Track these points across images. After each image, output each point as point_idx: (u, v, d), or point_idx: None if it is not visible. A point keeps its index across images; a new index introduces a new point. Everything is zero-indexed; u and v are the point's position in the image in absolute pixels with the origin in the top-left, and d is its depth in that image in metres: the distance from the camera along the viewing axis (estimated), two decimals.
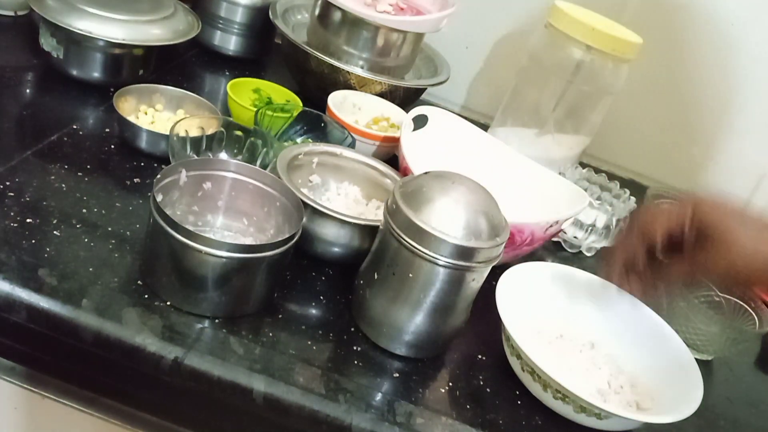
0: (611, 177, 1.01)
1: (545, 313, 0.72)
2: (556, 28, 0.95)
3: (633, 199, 0.96)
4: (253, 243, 0.67)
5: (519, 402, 0.63)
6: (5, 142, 0.72)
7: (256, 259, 0.58)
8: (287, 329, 0.61)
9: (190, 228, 0.55)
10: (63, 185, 0.68)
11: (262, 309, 0.62)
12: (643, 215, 0.61)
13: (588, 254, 0.92)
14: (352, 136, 0.84)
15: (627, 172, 1.22)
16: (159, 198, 0.58)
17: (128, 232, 0.65)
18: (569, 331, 0.72)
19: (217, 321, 0.59)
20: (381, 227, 0.61)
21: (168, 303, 0.58)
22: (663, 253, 0.60)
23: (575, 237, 0.90)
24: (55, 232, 0.62)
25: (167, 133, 0.74)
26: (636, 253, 0.60)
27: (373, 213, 0.76)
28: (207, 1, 1.04)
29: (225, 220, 0.68)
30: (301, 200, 0.65)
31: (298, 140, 0.86)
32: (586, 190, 0.90)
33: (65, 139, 0.75)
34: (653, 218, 0.60)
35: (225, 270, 0.57)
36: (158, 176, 0.59)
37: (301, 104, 0.90)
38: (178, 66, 1.00)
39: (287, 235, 0.60)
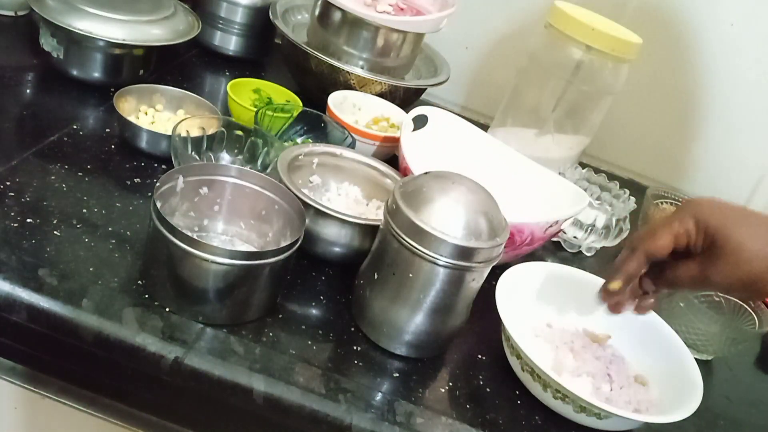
0: (611, 177, 1.01)
1: (545, 313, 0.72)
2: (556, 28, 0.95)
3: (633, 199, 0.96)
4: (254, 248, 0.67)
5: (519, 402, 0.63)
6: (5, 142, 0.72)
7: (259, 265, 0.57)
8: (287, 329, 0.62)
9: (190, 234, 0.55)
10: (63, 185, 0.68)
11: (265, 314, 0.62)
12: (643, 235, 0.61)
13: (588, 254, 0.92)
14: (352, 137, 0.84)
15: (626, 172, 1.22)
16: (159, 204, 0.58)
17: (128, 232, 0.65)
18: (568, 330, 0.72)
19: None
20: (381, 227, 0.62)
21: (168, 310, 0.58)
22: (669, 263, 0.60)
23: (575, 237, 0.90)
24: (55, 232, 0.62)
25: (168, 133, 0.74)
26: (637, 271, 0.62)
27: (374, 213, 0.76)
28: (207, 2, 1.04)
29: (224, 225, 0.68)
30: (302, 200, 0.65)
31: (299, 140, 0.87)
32: (585, 190, 0.90)
33: (65, 139, 0.75)
34: (653, 236, 0.59)
35: (227, 277, 0.57)
36: (157, 183, 0.59)
37: (301, 104, 0.90)
38: (179, 66, 1.01)
39: (289, 240, 0.60)
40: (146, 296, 0.59)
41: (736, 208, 0.57)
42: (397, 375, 0.62)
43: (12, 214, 0.62)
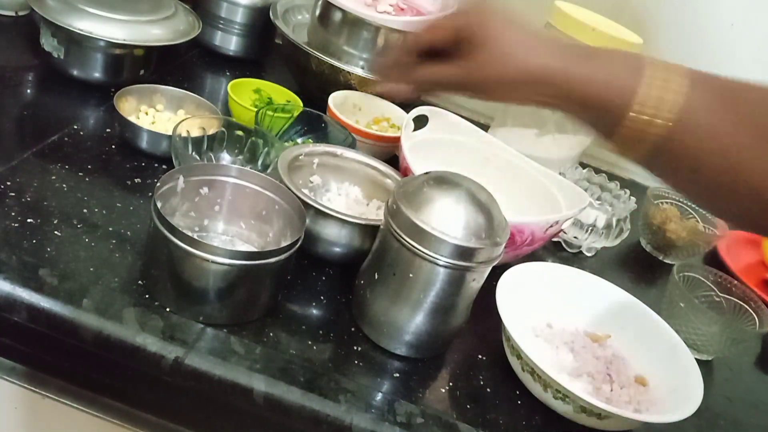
0: (611, 177, 1.01)
1: (545, 313, 0.72)
2: (556, 28, 0.95)
3: (633, 199, 0.96)
4: (254, 248, 0.67)
5: (519, 402, 0.63)
6: (6, 142, 0.72)
7: (260, 265, 0.57)
8: (288, 329, 0.62)
9: (191, 234, 0.55)
10: (64, 185, 0.68)
11: (265, 314, 0.62)
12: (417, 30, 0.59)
13: (588, 254, 0.92)
14: (352, 137, 0.84)
15: (627, 172, 1.22)
16: (159, 204, 0.58)
17: (129, 232, 0.65)
18: (568, 330, 0.72)
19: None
20: (381, 227, 0.62)
21: (168, 309, 0.58)
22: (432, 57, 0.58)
23: (575, 237, 0.90)
24: (55, 232, 0.62)
25: (168, 133, 0.74)
26: (406, 55, 0.59)
27: (374, 213, 0.76)
28: (207, 2, 1.04)
29: (224, 225, 0.68)
30: (303, 200, 0.65)
31: (299, 140, 0.87)
32: (586, 190, 0.90)
33: (66, 139, 0.75)
34: (425, 26, 0.58)
35: (227, 277, 0.57)
36: (158, 183, 0.59)
37: (301, 104, 0.90)
38: (179, 66, 1.01)
39: (290, 240, 0.60)
40: (146, 296, 0.59)
41: (510, 18, 0.56)
42: (398, 375, 0.62)
43: (12, 214, 0.62)
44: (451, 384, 0.63)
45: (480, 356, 0.68)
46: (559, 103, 0.54)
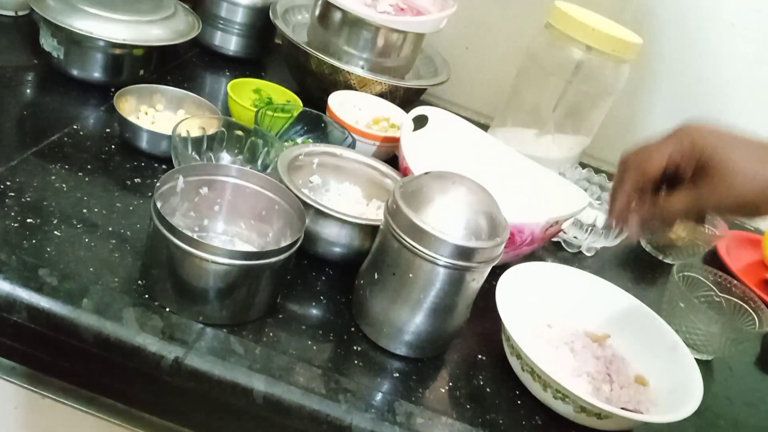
0: (611, 177, 1.01)
1: (545, 313, 0.72)
2: (556, 28, 0.95)
3: None
4: (254, 248, 0.67)
5: (519, 402, 0.63)
6: (6, 142, 0.72)
7: (259, 265, 0.57)
8: (287, 329, 0.62)
9: (190, 234, 0.55)
10: (63, 185, 0.68)
11: (265, 314, 0.62)
12: (636, 155, 0.58)
13: (588, 254, 0.92)
14: (352, 137, 0.84)
15: None
16: (159, 204, 0.58)
17: (129, 232, 0.65)
18: (568, 330, 0.72)
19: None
20: (381, 227, 0.62)
21: (168, 310, 0.58)
22: (661, 188, 0.58)
23: (575, 237, 0.90)
24: (55, 232, 0.62)
25: (168, 133, 0.74)
26: (635, 191, 0.58)
27: (374, 213, 0.76)
28: (207, 2, 1.04)
29: (224, 225, 0.68)
30: (303, 200, 0.65)
31: (299, 140, 0.87)
32: (585, 190, 0.90)
33: (66, 139, 0.75)
34: (647, 156, 0.57)
35: (227, 277, 0.57)
36: (157, 183, 0.59)
37: (301, 104, 0.90)
38: (179, 66, 1.01)
39: (290, 240, 0.60)
40: (146, 296, 0.59)
41: (729, 131, 0.56)
42: (397, 375, 0.62)
43: (12, 214, 0.62)
44: (451, 384, 0.63)
45: (480, 356, 0.68)
46: None
